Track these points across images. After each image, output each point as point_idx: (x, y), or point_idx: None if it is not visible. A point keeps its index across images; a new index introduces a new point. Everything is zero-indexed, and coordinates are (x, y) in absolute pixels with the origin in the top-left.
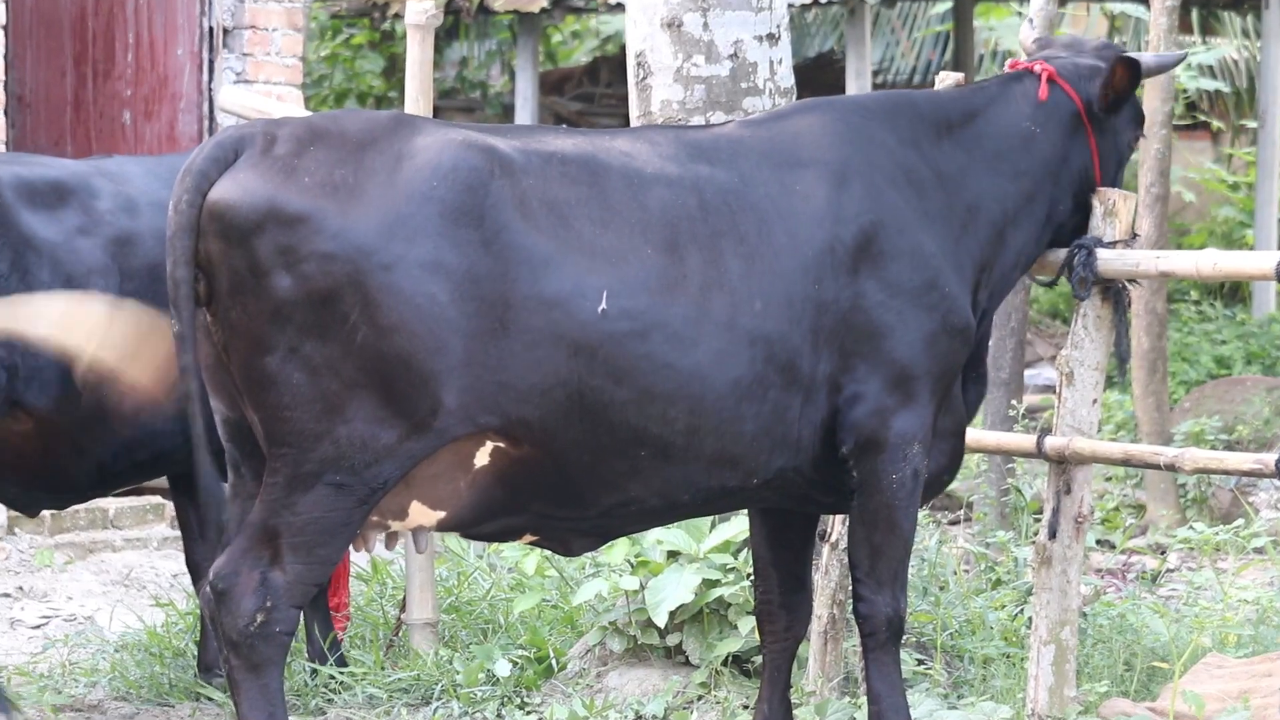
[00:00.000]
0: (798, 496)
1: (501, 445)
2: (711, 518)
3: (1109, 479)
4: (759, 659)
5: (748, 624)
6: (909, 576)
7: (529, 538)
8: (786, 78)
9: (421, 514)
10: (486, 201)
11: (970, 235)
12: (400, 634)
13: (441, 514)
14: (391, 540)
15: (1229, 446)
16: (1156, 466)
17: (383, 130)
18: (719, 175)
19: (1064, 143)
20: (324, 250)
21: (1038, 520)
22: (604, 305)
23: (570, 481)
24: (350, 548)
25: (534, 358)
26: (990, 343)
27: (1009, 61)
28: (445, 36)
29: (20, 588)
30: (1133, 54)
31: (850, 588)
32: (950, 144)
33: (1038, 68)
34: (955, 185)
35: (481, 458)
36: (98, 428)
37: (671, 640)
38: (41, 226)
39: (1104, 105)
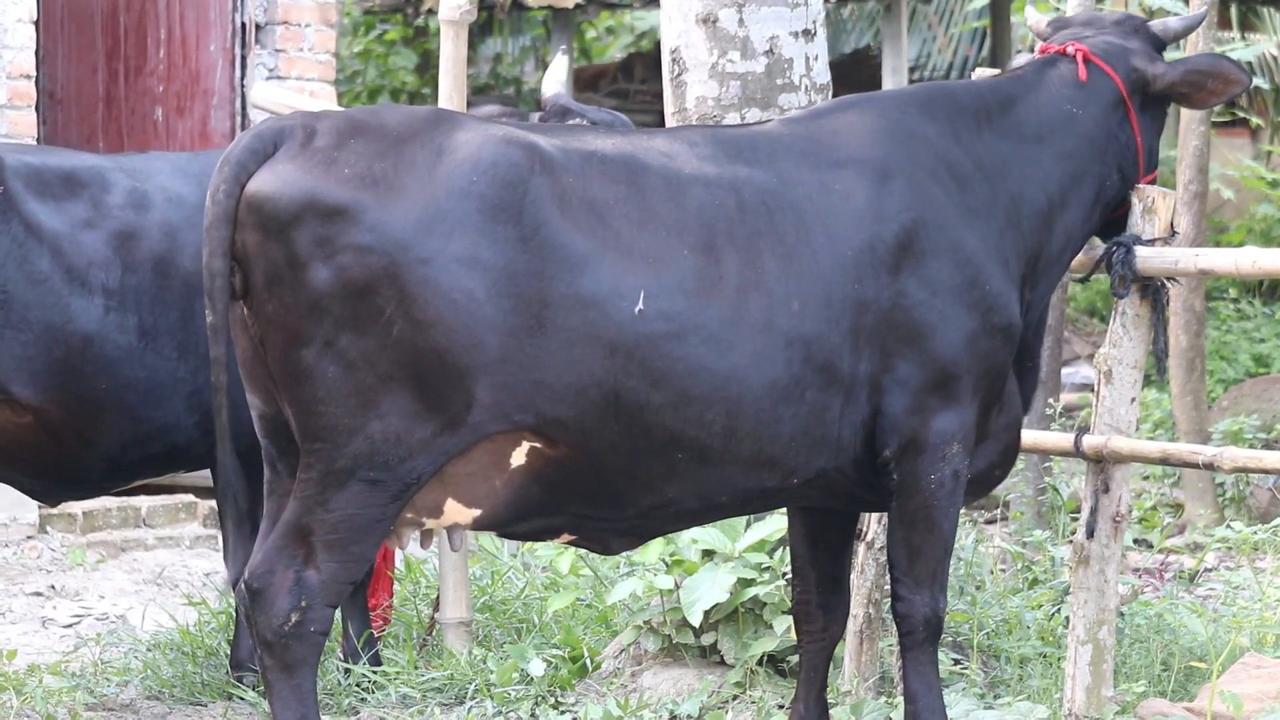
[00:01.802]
0: (842, 495)
1: (537, 445)
2: (746, 516)
3: (1146, 478)
4: (794, 659)
5: (783, 623)
6: (948, 576)
7: (567, 537)
8: (822, 74)
9: (457, 512)
10: (525, 198)
11: (1015, 228)
12: (434, 633)
13: (477, 512)
14: (426, 538)
15: (1267, 445)
16: (1195, 465)
17: (423, 125)
18: (757, 175)
19: (1105, 120)
20: (362, 243)
21: (1075, 519)
22: (641, 306)
23: (607, 483)
24: (393, 545)
25: (570, 357)
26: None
27: (1039, 46)
28: (479, 32)
29: (52, 586)
30: (1163, 28)
31: (887, 587)
32: (990, 134)
33: (1071, 49)
34: (998, 176)
35: (518, 457)
36: (100, 419)
37: (706, 640)
38: (46, 216)
39: (1157, 90)
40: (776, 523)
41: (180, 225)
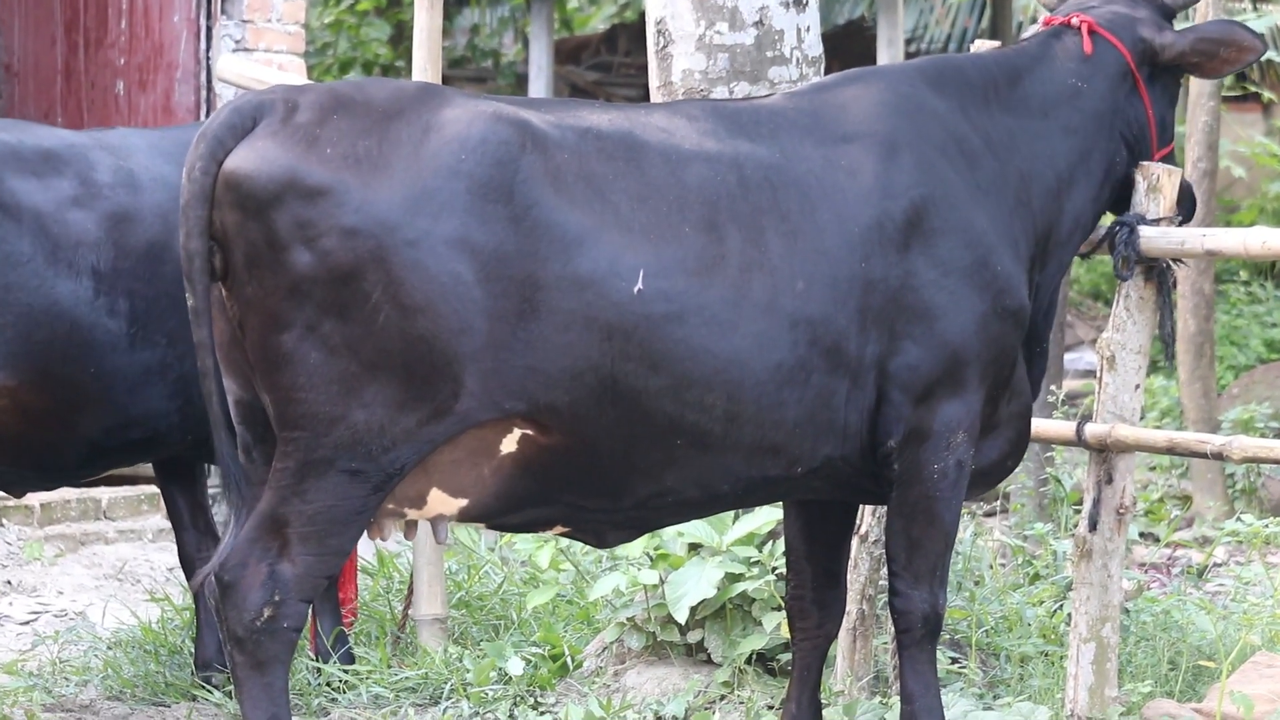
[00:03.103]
0: (847, 486)
1: (529, 432)
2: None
3: (1153, 468)
4: (784, 657)
5: (773, 620)
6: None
7: (560, 529)
8: (814, 46)
9: (442, 502)
10: (516, 177)
11: (1025, 206)
12: (407, 630)
13: (463, 502)
14: (410, 530)
15: (1279, 434)
16: (1203, 455)
17: (410, 100)
18: (760, 150)
19: (1113, 94)
20: (346, 225)
21: (1077, 512)
22: (640, 286)
23: (603, 471)
24: (374, 537)
25: (564, 341)
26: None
27: (1043, 18)
28: (455, 3)
29: (8, 582)
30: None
31: (882, 582)
32: (998, 109)
33: (1075, 21)
34: (1006, 153)
35: (508, 445)
36: (87, 405)
37: (693, 637)
38: (26, 194)
39: (1166, 59)
40: (766, 515)
41: (170, 208)
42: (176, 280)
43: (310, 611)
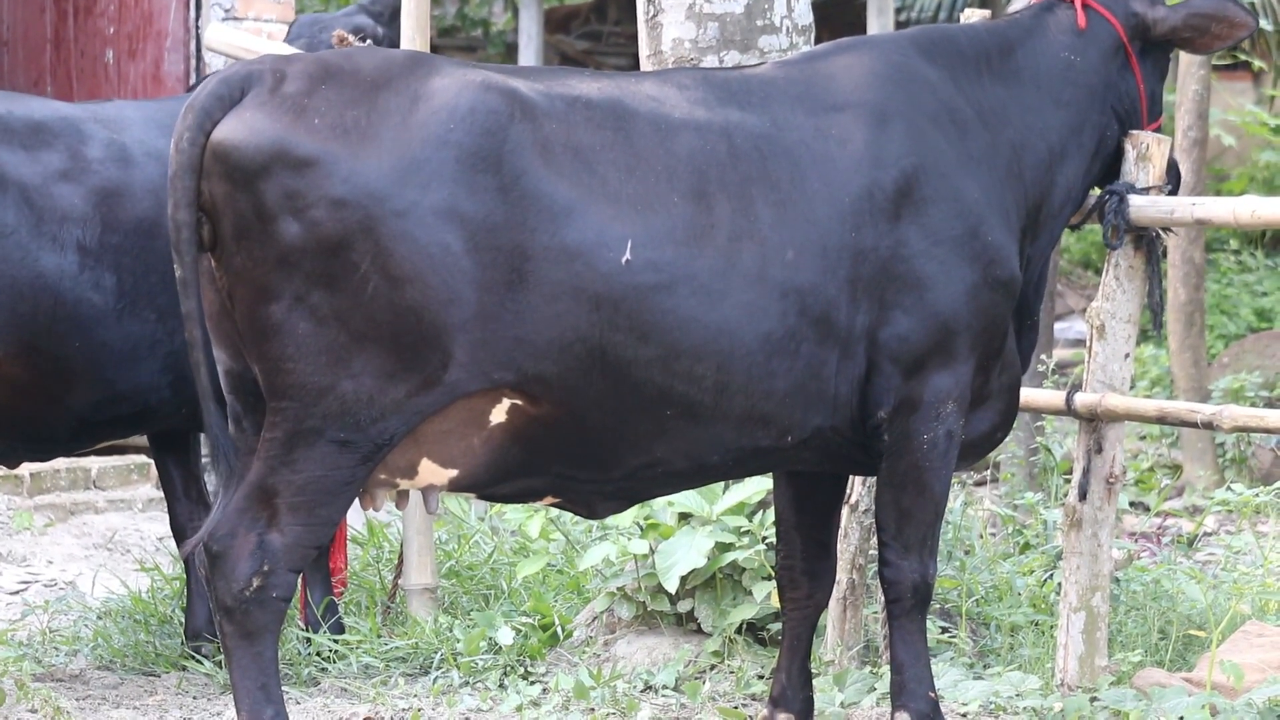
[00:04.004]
0: (837, 456)
1: (518, 403)
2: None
3: (1143, 438)
4: (774, 626)
5: (763, 590)
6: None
7: (550, 500)
8: (805, 15)
9: (432, 472)
10: (505, 147)
11: (1017, 178)
12: (397, 600)
13: (454, 472)
14: (401, 500)
15: (1270, 403)
16: (1193, 425)
17: (399, 70)
18: (750, 119)
19: (1105, 68)
20: (334, 195)
21: (1068, 481)
22: (628, 256)
23: (592, 442)
24: (366, 507)
25: (553, 311)
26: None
27: None
28: None
29: None
30: None
31: (872, 552)
32: (991, 80)
33: None
34: (998, 124)
35: (498, 415)
36: (74, 379)
37: (683, 607)
38: (12, 167)
39: (1158, 35)
40: (756, 485)
41: (162, 183)
42: (168, 255)
43: (300, 581)
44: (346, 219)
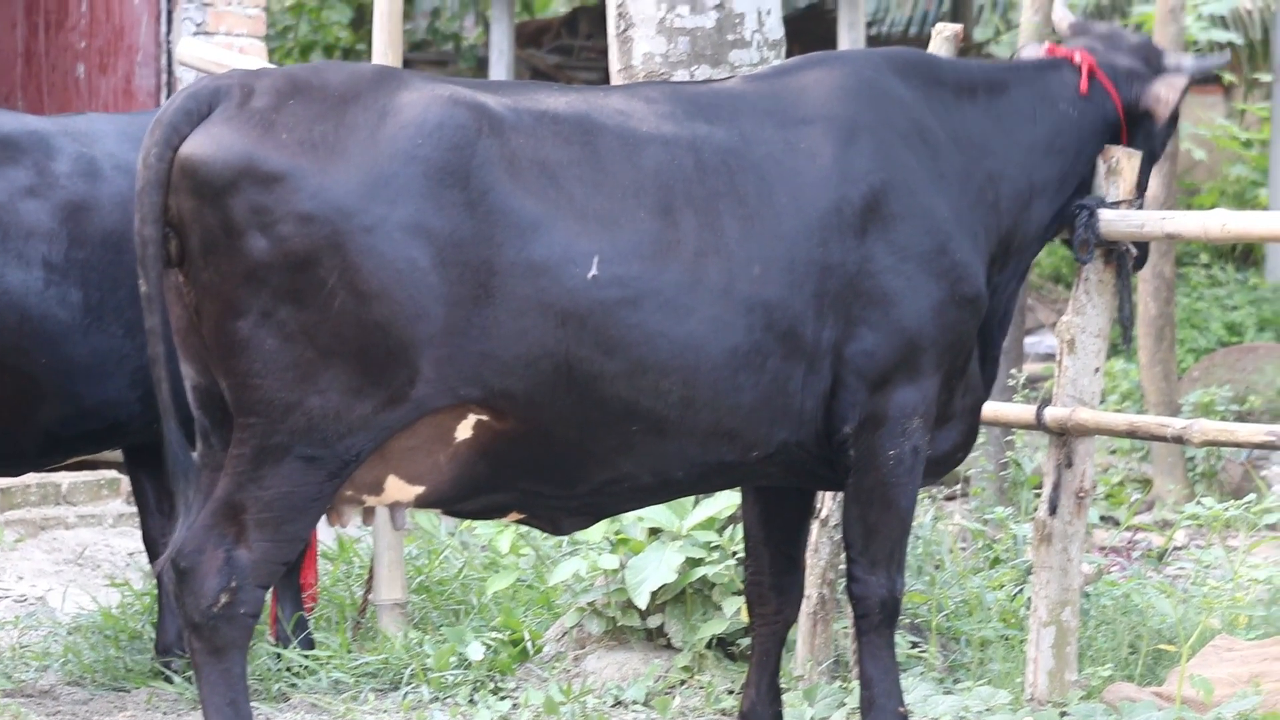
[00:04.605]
0: (802, 472)
1: (485, 418)
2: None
3: (1113, 452)
4: (745, 641)
5: (733, 605)
6: (905, 555)
7: (515, 515)
8: (775, 29)
9: (399, 489)
10: (473, 161)
11: (991, 205)
12: (367, 615)
13: (420, 489)
14: (368, 516)
15: (1240, 418)
16: (1163, 439)
17: (367, 84)
18: (718, 134)
19: (1098, 138)
20: (302, 211)
21: (1038, 495)
22: (595, 271)
23: (558, 457)
24: (333, 524)
25: (520, 326)
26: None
27: (1046, 44)
28: None
29: None
30: (1180, 65)
31: (842, 567)
32: (974, 110)
33: (1078, 57)
34: (976, 152)
35: (463, 431)
36: (41, 395)
37: (653, 622)
38: None
39: (1164, 123)
40: (726, 499)
41: (132, 197)
42: (135, 270)
43: (271, 596)
44: (314, 234)
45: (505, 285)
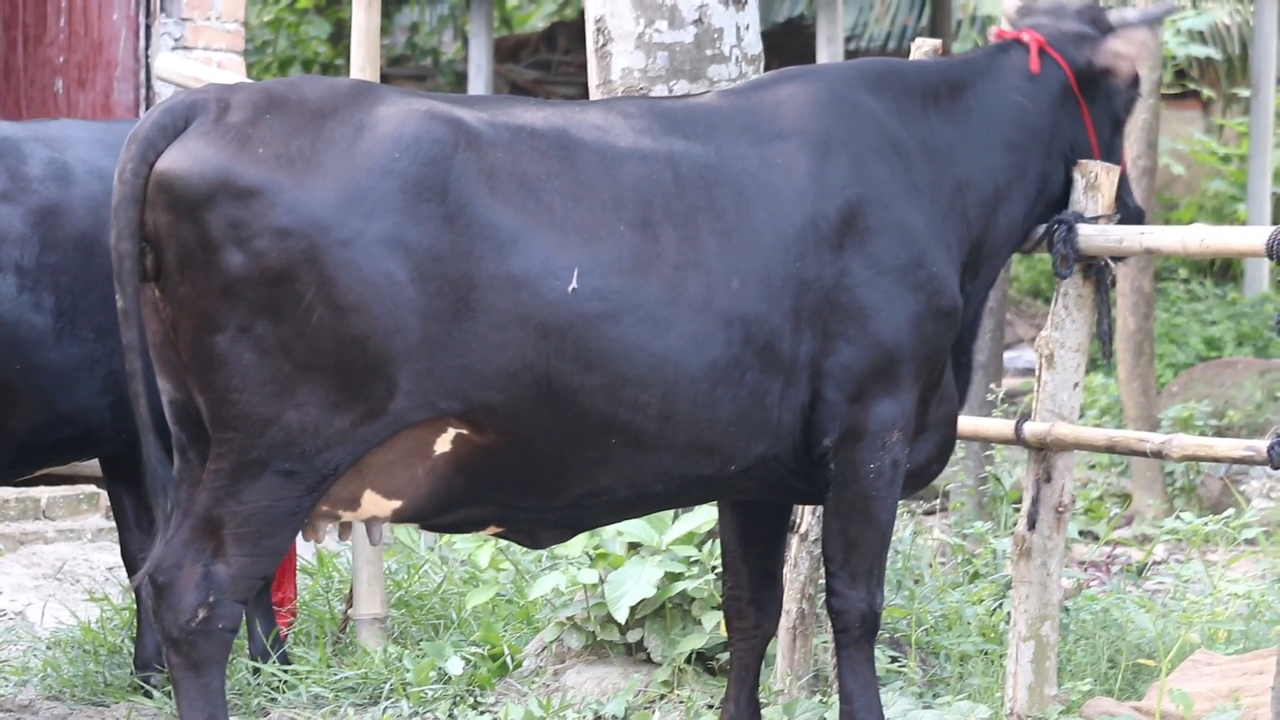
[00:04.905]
0: (779, 486)
1: (464, 432)
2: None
3: (1092, 467)
4: (724, 656)
5: (712, 619)
6: (885, 570)
7: (493, 529)
8: (754, 44)
9: (375, 504)
10: (450, 176)
11: (960, 214)
12: (347, 630)
13: (397, 504)
14: (344, 531)
15: (1219, 432)
16: (1142, 454)
17: (343, 98)
18: (695, 149)
19: (1055, 113)
20: (278, 225)
21: (1017, 510)
22: (575, 284)
23: (537, 470)
24: (309, 539)
25: (499, 340)
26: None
27: (994, 30)
28: (395, 1)
29: None
30: (1123, 23)
31: (821, 581)
32: (938, 117)
33: (1026, 37)
34: (944, 160)
35: (442, 445)
36: (14, 402)
37: (632, 636)
38: None
39: (1127, 80)
40: (705, 514)
41: (104, 201)
42: (106, 273)
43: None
44: (291, 249)
45: (485, 299)
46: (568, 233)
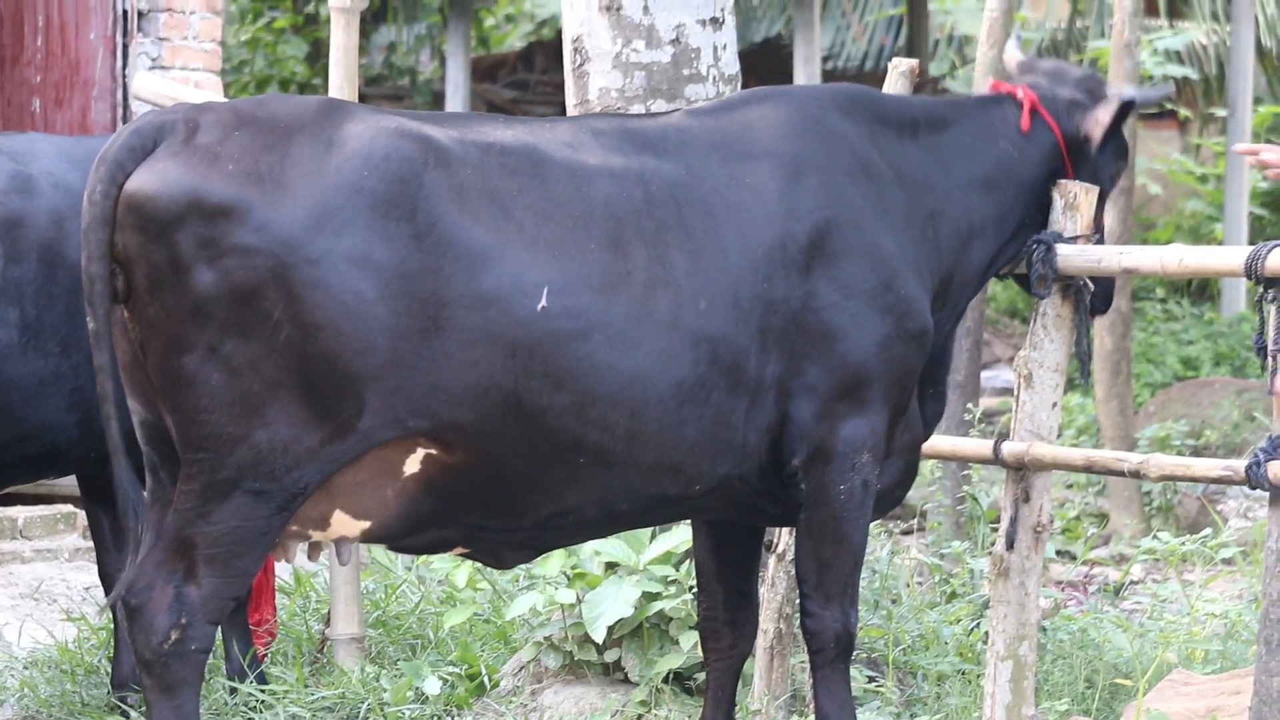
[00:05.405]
0: (744, 506)
1: (433, 451)
2: (651, 528)
3: (1070, 486)
4: (701, 676)
5: (689, 639)
6: (859, 590)
7: (459, 550)
8: (731, 64)
9: (344, 524)
10: (420, 193)
11: (932, 242)
12: (324, 650)
13: (366, 524)
14: (314, 551)
15: (1196, 452)
16: (1120, 473)
17: (312, 116)
18: (665, 167)
19: (1041, 171)
20: (247, 244)
21: (994, 530)
22: (544, 303)
23: (505, 490)
24: (279, 559)
25: (468, 358)
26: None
27: (991, 81)
28: (372, 20)
29: None
30: (1120, 92)
31: (798, 601)
32: (915, 147)
33: (1020, 94)
34: (918, 189)
35: (411, 465)
36: None
37: (610, 656)
38: None
39: (1097, 146)
40: (682, 534)
41: (68, 213)
42: (70, 286)
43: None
44: (259, 267)
45: (454, 317)
46: (537, 250)
